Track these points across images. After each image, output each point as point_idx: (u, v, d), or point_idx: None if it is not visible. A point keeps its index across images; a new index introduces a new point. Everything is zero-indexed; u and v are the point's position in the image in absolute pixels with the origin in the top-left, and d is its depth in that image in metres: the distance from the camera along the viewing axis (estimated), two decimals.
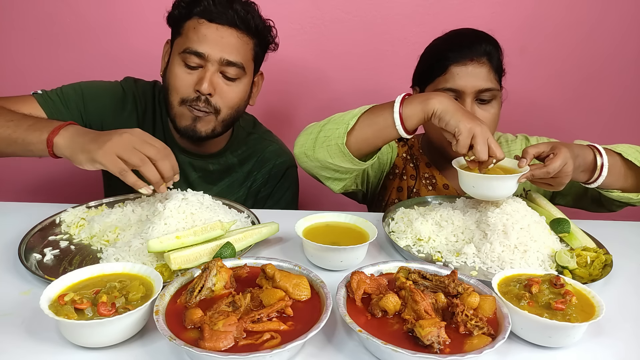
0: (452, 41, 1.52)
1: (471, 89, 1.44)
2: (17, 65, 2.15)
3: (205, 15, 1.42)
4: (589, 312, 0.89)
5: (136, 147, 1.14)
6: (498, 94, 1.49)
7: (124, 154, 1.13)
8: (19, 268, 1.06)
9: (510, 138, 1.71)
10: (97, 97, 1.57)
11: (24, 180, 2.29)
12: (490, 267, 1.15)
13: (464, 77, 1.44)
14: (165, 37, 1.57)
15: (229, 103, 1.49)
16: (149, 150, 1.15)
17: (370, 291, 0.92)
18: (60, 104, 1.50)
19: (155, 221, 1.15)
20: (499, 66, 1.50)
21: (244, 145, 1.70)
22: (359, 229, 1.20)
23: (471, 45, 1.46)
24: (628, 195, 1.36)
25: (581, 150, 1.28)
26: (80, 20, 2.11)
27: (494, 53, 1.48)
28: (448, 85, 1.46)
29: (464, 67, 1.45)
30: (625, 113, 2.33)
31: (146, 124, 1.62)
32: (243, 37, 1.45)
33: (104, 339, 0.82)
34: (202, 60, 1.42)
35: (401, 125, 1.24)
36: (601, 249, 1.19)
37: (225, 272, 0.91)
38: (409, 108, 1.24)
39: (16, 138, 1.25)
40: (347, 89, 2.28)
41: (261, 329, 0.80)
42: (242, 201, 1.70)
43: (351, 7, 2.16)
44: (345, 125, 1.28)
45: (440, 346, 0.79)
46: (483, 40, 1.49)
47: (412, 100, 1.25)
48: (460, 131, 1.16)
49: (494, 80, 1.48)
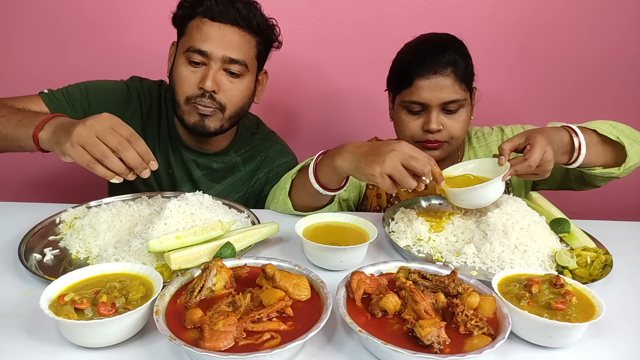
0: (416, 52, 1.52)
1: (436, 101, 1.45)
2: (23, 66, 2.15)
3: (208, 14, 1.44)
4: (589, 312, 0.89)
5: (99, 136, 1.08)
6: (465, 102, 1.49)
7: (86, 144, 1.07)
8: (19, 268, 1.06)
9: (486, 131, 1.73)
10: (102, 96, 1.59)
11: (26, 178, 2.29)
12: (490, 267, 1.15)
13: (428, 91, 1.45)
14: (168, 37, 1.58)
15: (233, 100, 1.51)
16: (111, 140, 1.08)
17: (370, 291, 0.92)
18: (65, 103, 1.52)
19: (155, 221, 1.15)
20: (465, 74, 1.49)
21: (247, 144, 1.72)
22: (359, 229, 1.20)
23: (434, 58, 1.46)
24: (610, 170, 1.38)
25: (556, 133, 1.28)
26: (84, 21, 2.11)
27: (460, 62, 1.47)
28: (413, 98, 1.47)
29: (428, 81, 1.45)
30: (625, 113, 2.33)
31: (151, 123, 1.64)
32: (245, 35, 1.47)
33: (104, 339, 0.82)
34: (205, 58, 1.45)
35: (326, 191, 1.28)
36: (601, 249, 1.19)
37: (225, 272, 0.91)
38: (322, 174, 1.27)
39: (6, 134, 1.24)
40: (347, 89, 2.28)
41: (261, 329, 0.80)
42: (244, 200, 1.72)
43: (351, 7, 2.16)
44: (285, 191, 1.38)
45: (440, 346, 0.79)
46: (448, 49, 1.47)
47: (322, 164, 1.27)
48: (374, 181, 1.15)
49: (460, 90, 1.47)
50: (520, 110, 2.30)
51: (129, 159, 1.09)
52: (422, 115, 1.50)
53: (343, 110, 2.33)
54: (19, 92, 1.51)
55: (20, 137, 1.21)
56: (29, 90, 1.52)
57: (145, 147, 1.12)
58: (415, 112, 1.50)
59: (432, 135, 1.48)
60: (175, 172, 1.67)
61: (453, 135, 1.50)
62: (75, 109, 1.53)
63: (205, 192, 1.32)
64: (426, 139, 1.50)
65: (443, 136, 1.49)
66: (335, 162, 1.21)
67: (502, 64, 2.20)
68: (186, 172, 1.67)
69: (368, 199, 1.69)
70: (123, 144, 1.09)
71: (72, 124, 1.11)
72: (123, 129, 1.11)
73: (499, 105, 2.20)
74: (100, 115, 1.11)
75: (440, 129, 1.48)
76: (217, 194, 1.64)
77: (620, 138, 1.33)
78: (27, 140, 1.18)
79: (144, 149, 1.12)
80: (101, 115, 1.11)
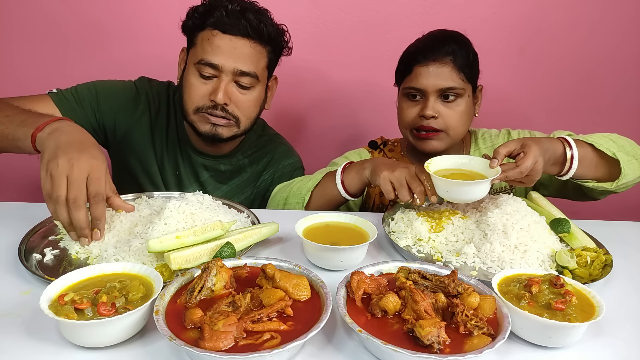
0: (420, 43, 1.58)
1: (432, 87, 1.50)
2: (27, 67, 2.16)
3: (219, 26, 1.44)
4: (589, 312, 0.89)
5: (69, 179, 1.04)
6: (463, 92, 1.53)
7: (53, 178, 1.04)
8: (19, 268, 1.06)
9: (494, 133, 1.74)
10: (111, 96, 1.59)
11: (26, 178, 2.29)
12: (490, 267, 1.15)
13: (425, 77, 1.51)
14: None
15: (245, 111, 1.53)
16: (71, 192, 1.04)
17: (370, 291, 0.92)
18: (74, 103, 1.52)
19: (155, 221, 1.15)
20: (466, 65, 1.52)
21: (254, 146, 1.74)
22: (359, 229, 1.20)
23: (434, 46, 1.52)
24: (602, 185, 1.38)
25: (551, 143, 1.29)
26: (89, 25, 2.12)
27: (460, 52, 1.52)
28: (412, 84, 1.53)
29: (426, 68, 1.51)
30: (624, 112, 2.33)
31: (159, 124, 1.65)
32: (256, 46, 1.48)
33: (104, 339, 0.82)
34: (216, 71, 1.45)
35: (347, 194, 1.42)
36: (601, 249, 1.19)
37: (225, 272, 0.91)
38: (348, 178, 1.42)
39: (7, 134, 1.21)
40: (347, 89, 2.28)
41: (261, 329, 0.80)
42: (250, 201, 1.74)
43: (351, 7, 2.16)
44: (302, 201, 1.47)
45: (440, 346, 0.79)
46: (449, 40, 1.53)
47: (350, 170, 1.42)
48: (379, 182, 1.30)
49: (458, 79, 1.51)
50: (521, 110, 2.30)
51: (74, 218, 1.07)
52: (420, 102, 1.55)
53: (343, 110, 2.33)
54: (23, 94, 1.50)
55: (19, 137, 1.18)
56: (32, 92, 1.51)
57: (100, 213, 1.10)
58: (414, 99, 1.55)
59: (427, 121, 1.52)
60: (182, 174, 1.67)
61: (449, 125, 1.53)
62: (84, 109, 1.53)
63: (212, 194, 1.32)
64: (421, 125, 1.54)
65: (439, 124, 1.53)
66: (364, 167, 1.38)
67: (502, 64, 2.20)
68: (194, 174, 1.68)
69: (370, 197, 1.72)
70: (78, 202, 1.05)
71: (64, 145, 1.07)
72: (94, 186, 1.07)
73: (500, 105, 2.20)
74: (91, 158, 1.07)
75: (436, 116, 1.51)
76: (224, 195, 1.65)
77: (617, 154, 1.32)
78: (25, 140, 1.16)
79: (98, 215, 1.09)
80: (91, 159, 1.07)
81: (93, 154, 1.09)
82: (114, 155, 1.69)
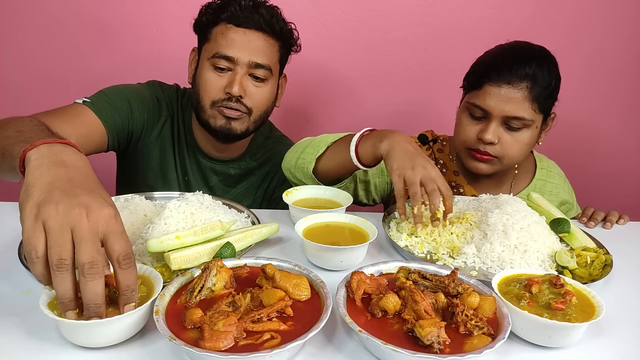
0: (499, 56, 1.44)
1: (499, 112, 1.39)
2: (29, 68, 2.16)
3: (233, 20, 1.45)
4: (589, 312, 0.89)
5: (76, 232, 0.73)
6: (531, 124, 1.41)
7: (50, 232, 0.73)
8: (19, 268, 1.06)
9: (554, 170, 1.70)
10: (141, 103, 1.56)
11: None
12: (490, 267, 1.15)
13: (494, 99, 1.39)
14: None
15: (258, 104, 1.53)
16: (84, 253, 0.72)
17: (370, 291, 0.92)
18: (111, 111, 1.46)
19: (155, 221, 1.15)
20: (542, 94, 1.39)
21: (262, 148, 1.74)
22: (359, 229, 1.20)
23: (512, 67, 1.37)
24: None
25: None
26: (92, 24, 2.12)
27: (540, 78, 1.38)
28: (478, 102, 1.43)
29: (498, 89, 1.38)
30: (625, 113, 2.33)
31: (169, 129, 1.63)
32: (269, 40, 1.49)
33: (104, 339, 0.82)
34: (231, 64, 1.46)
35: (359, 162, 1.30)
36: (601, 249, 1.19)
37: (225, 272, 0.91)
38: (363, 147, 1.29)
39: (6, 151, 0.95)
40: (346, 89, 2.28)
41: (261, 329, 0.80)
42: (258, 202, 1.74)
43: (351, 7, 2.16)
44: (316, 152, 1.37)
45: (440, 346, 0.79)
46: (532, 61, 1.38)
47: (367, 138, 1.29)
48: (392, 175, 1.18)
49: (530, 109, 1.38)
50: None
51: (87, 292, 0.73)
52: (482, 123, 1.45)
53: (343, 110, 2.33)
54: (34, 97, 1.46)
55: (12, 154, 0.89)
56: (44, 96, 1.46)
57: (134, 280, 0.78)
58: (477, 118, 1.45)
59: (484, 146, 1.43)
60: (191, 179, 1.67)
61: (506, 154, 1.44)
62: (121, 117, 1.49)
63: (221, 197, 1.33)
64: (477, 148, 1.45)
65: (495, 151, 1.43)
66: (382, 141, 1.23)
67: None
68: (203, 179, 1.68)
69: None
70: (95, 267, 0.72)
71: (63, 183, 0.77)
72: (119, 244, 0.75)
73: None
74: (105, 205, 0.75)
75: (495, 143, 1.42)
76: (233, 198, 1.65)
77: None
78: (17, 158, 0.86)
79: (132, 282, 0.77)
80: (106, 207, 0.75)
81: (105, 197, 0.79)
82: (127, 162, 1.65)
